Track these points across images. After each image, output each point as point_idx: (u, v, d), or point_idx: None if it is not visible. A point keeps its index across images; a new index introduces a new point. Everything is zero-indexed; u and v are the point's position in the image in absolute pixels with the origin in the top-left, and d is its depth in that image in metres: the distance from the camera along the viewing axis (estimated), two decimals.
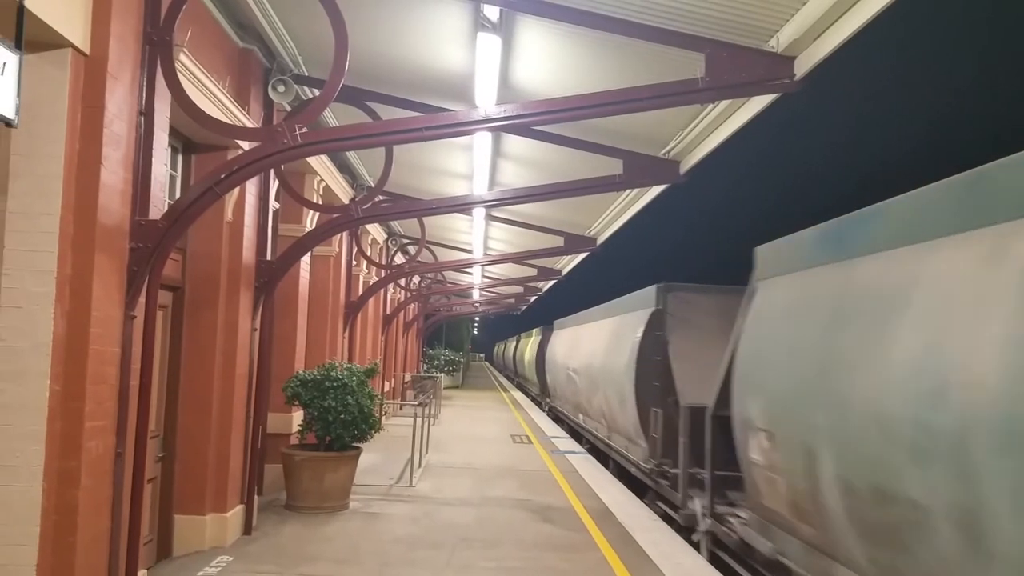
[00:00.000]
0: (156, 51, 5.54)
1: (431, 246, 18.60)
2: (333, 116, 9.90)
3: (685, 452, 9.46)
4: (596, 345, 15.67)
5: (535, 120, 6.47)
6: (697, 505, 9.10)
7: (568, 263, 20.03)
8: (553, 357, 23.86)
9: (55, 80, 4.70)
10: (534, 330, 35.73)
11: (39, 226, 4.64)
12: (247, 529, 8.00)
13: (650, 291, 11.93)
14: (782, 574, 6.75)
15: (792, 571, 6.54)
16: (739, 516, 8.07)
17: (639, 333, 11.71)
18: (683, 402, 9.82)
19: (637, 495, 11.26)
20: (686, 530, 9.32)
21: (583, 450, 16.34)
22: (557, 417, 23.59)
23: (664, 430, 10.49)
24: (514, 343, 51.81)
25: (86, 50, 4.82)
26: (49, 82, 4.69)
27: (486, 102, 8.23)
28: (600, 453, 15.62)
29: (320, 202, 10.56)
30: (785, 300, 7.01)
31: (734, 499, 8.55)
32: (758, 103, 7.06)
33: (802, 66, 6.00)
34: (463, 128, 6.26)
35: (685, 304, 11.21)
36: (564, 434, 19.39)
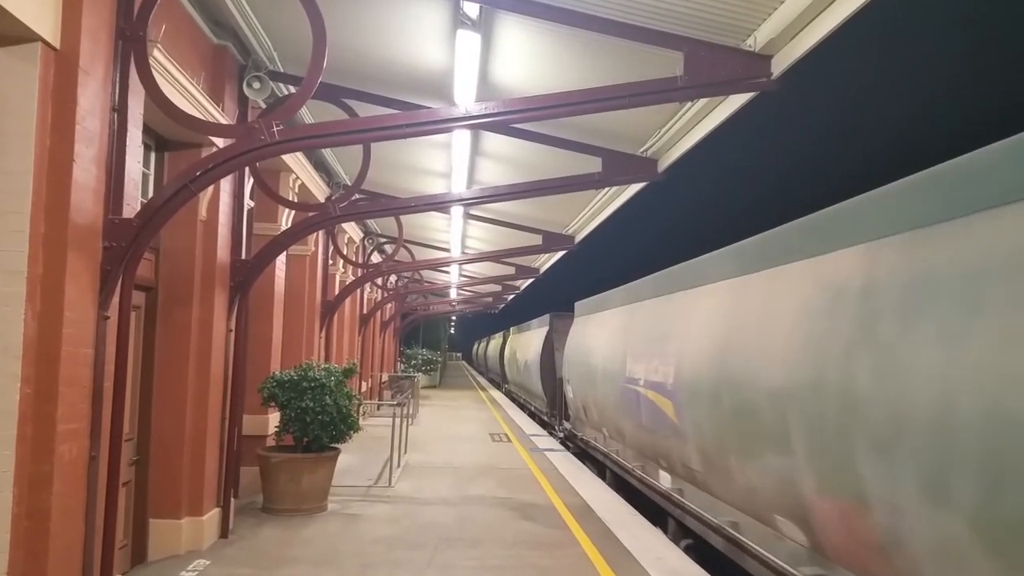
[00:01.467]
0: (129, 46, 5.44)
1: (408, 245, 18.51)
2: (309, 113, 9.80)
3: None
4: (792, 334, 6.04)
5: (515, 118, 6.43)
6: None
7: (546, 261, 20.03)
8: (582, 360, 14.82)
9: (24, 75, 4.59)
10: (532, 322, 26.58)
11: (9, 224, 4.53)
12: (224, 532, 7.90)
13: None
14: None
15: None
16: None
17: None
18: None
19: None
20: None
21: (562, 448, 16.32)
22: (583, 453, 15.44)
23: None
24: (499, 340, 40.58)
25: (56, 44, 4.71)
26: (18, 77, 4.58)
27: (465, 100, 8.19)
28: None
29: (296, 200, 10.46)
30: None
31: None
32: (735, 102, 7.08)
33: (779, 65, 6.03)
34: (443, 125, 6.21)
35: None
36: (543, 432, 19.34)
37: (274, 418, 9.81)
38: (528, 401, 26.78)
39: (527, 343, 26.03)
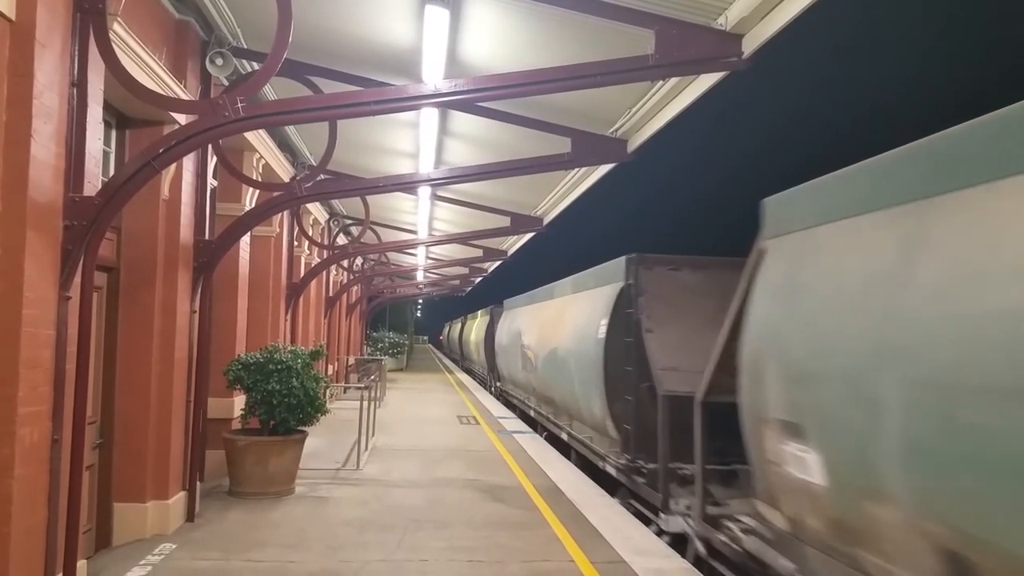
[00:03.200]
0: (88, 19, 5.28)
1: (375, 227, 18.35)
2: (273, 91, 9.62)
3: None
4: None
5: (485, 95, 6.38)
6: None
7: (514, 243, 20.00)
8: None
9: None
10: (567, 281, 14.63)
11: None
12: (190, 516, 7.81)
13: None
14: None
15: None
16: None
17: None
18: None
19: None
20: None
21: (530, 430, 16.35)
22: None
23: None
24: (481, 320, 31.15)
25: (11, 15, 4.54)
26: None
27: (433, 77, 8.09)
28: None
29: (260, 180, 10.29)
30: None
31: None
32: (706, 81, 7.07)
33: (750, 44, 6.03)
34: (412, 102, 6.13)
35: None
36: (511, 414, 19.36)
37: (240, 401, 9.69)
38: (556, 421, 14.41)
39: (560, 319, 13.75)
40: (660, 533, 8.38)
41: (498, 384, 25.00)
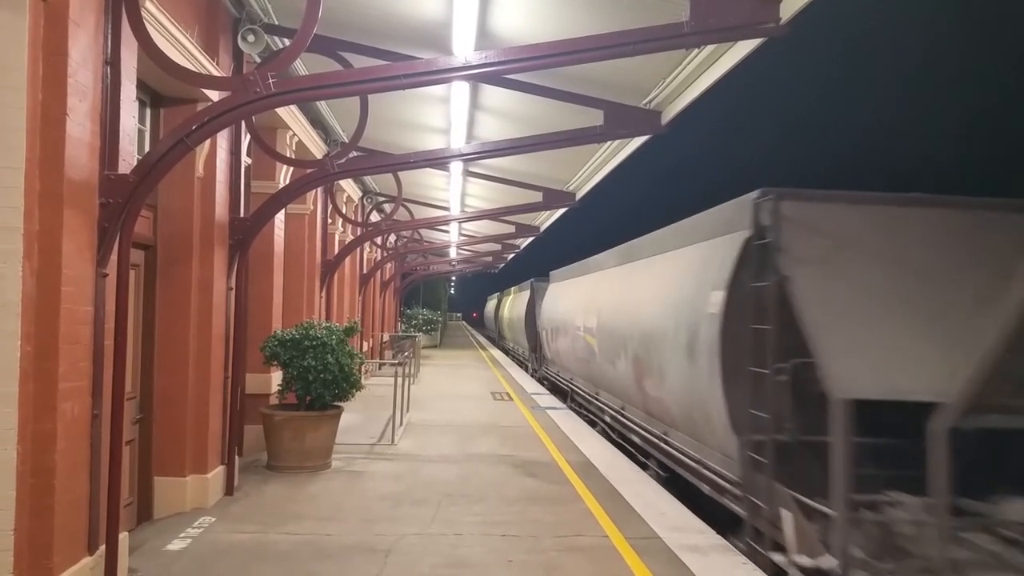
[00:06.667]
0: None
1: (407, 204, 18.34)
2: (304, 67, 9.61)
3: None
4: None
5: (516, 67, 6.28)
6: None
7: (546, 219, 19.89)
8: None
9: (13, 26, 4.45)
10: None
11: (2, 181, 4.43)
12: (229, 490, 7.93)
13: None
14: None
15: None
16: None
17: None
18: None
19: None
20: None
21: (564, 406, 16.35)
22: None
23: None
24: (575, 289, 17.52)
25: None
26: (6, 29, 4.44)
27: (464, 50, 8.00)
28: None
29: (293, 157, 10.32)
30: None
31: None
32: (743, 49, 6.90)
33: (788, 9, 5.86)
34: (442, 75, 6.06)
35: None
36: (545, 391, 19.38)
37: (276, 377, 9.80)
38: None
39: None
40: None
41: None
